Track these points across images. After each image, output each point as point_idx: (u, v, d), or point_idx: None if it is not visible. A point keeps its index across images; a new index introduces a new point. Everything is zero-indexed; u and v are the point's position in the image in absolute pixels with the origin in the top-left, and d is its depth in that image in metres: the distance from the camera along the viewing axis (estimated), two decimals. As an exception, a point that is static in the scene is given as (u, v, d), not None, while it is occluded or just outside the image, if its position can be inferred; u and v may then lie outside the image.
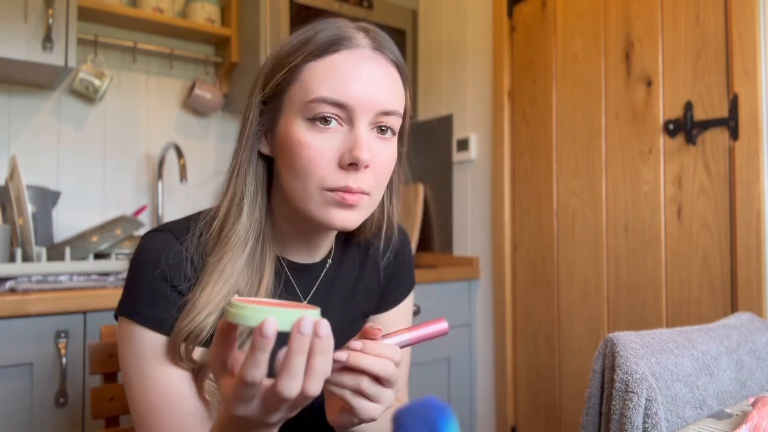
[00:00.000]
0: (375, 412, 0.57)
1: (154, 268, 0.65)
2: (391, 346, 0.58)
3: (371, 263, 0.84)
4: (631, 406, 0.75)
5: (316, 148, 0.62)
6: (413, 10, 2.26)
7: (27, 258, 1.38)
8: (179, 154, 1.84)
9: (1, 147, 1.70)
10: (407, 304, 0.90)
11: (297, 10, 1.88)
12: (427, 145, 2.25)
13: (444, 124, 2.17)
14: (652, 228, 1.49)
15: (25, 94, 1.74)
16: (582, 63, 1.68)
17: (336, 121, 0.63)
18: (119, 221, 1.69)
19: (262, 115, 0.68)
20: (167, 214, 1.95)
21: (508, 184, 1.91)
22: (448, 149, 2.15)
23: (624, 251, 1.56)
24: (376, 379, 0.56)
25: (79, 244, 1.58)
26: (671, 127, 1.45)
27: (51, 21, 1.48)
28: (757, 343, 0.97)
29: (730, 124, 1.33)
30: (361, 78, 0.63)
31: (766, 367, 0.97)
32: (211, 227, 0.68)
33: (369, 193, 0.66)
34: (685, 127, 1.42)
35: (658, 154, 1.48)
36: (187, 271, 0.66)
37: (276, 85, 0.66)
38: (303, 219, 0.69)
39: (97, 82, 1.76)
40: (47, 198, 1.65)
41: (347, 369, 0.56)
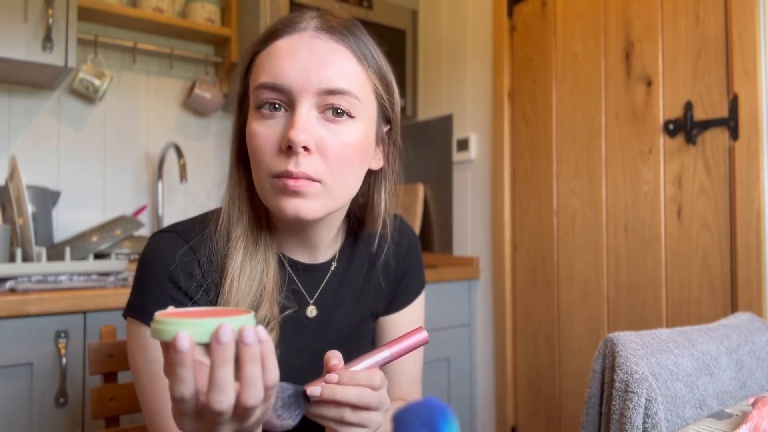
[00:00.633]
0: None
1: (162, 269, 0.65)
2: (367, 372, 0.56)
3: (380, 264, 0.84)
4: (631, 406, 0.75)
5: (262, 135, 0.62)
6: (413, 10, 2.26)
7: (27, 258, 1.38)
8: (179, 154, 1.84)
9: (1, 147, 1.70)
10: (419, 304, 0.89)
11: (297, 10, 1.88)
12: (427, 145, 2.25)
13: (444, 124, 2.17)
14: (652, 228, 1.49)
15: (25, 94, 1.74)
16: (582, 63, 1.68)
17: (282, 106, 0.62)
18: (119, 221, 1.69)
19: (240, 113, 0.71)
20: (167, 214, 1.94)
21: (508, 184, 1.91)
22: (448, 149, 2.15)
23: (624, 251, 1.56)
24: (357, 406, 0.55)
25: (79, 244, 1.58)
26: (671, 127, 1.45)
27: (51, 21, 1.48)
28: (757, 343, 0.97)
29: (730, 124, 1.33)
30: (298, 58, 0.61)
31: (766, 367, 0.97)
32: (218, 229, 0.69)
33: (319, 180, 0.62)
34: (685, 127, 1.42)
35: (658, 154, 1.48)
36: (195, 273, 0.67)
37: (242, 80, 0.69)
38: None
39: (97, 82, 1.76)
40: (47, 198, 1.65)
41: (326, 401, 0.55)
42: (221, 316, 0.44)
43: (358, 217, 0.82)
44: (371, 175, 0.75)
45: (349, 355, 0.79)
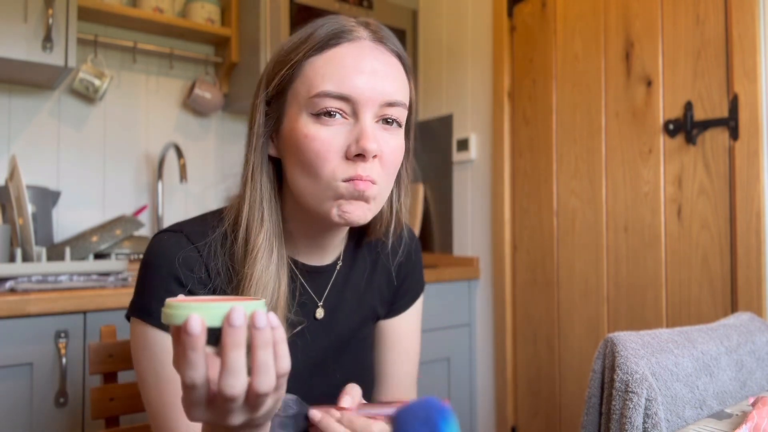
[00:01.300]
0: None
1: (167, 269, 0.65)
2: (366, 422, 0.56)
3: (382, 264, 0.84)
4: (631, 406, 0.75)
5: (323, 140, 0.62)
6: (413, 10, 2.26)
7: (27, 258, 1.38)
8: (179, 154, 1.84)
9: (1, 147, 1.70)
10: (417, 308, 0.89)
11: (297, 10, 1.88)
12: (427, 145, 2.25)
13: (444, 124, 2.17)
14: (652, 228, 1.49)
15: (25, 94, 1.74)
16: (582, 63, 1.68)
17: (340, 114, 0.63)
18: (119, 221, 1.69)
19: (267, 117, 0.68)
20: (167, 214, 1.94)
21: (508, 184, 1.91)
22: (448, 149, 2.15)
23: (624, 251, 1.56)
24: None
25: (79, 244, 1.58)
26: (671, 127, 1.45)
27: (51, 21, 1.48)
28: (757, 343, 0.97)
29: (730, 124, 1.33)
30: (364, 70, 0.63)
31: (766, 367, 0.97)
32: (235, 234, 0.68)
33: (377, 182, 0.65)
34: (685, 127, 1.42)
35: (658, 154, 1.48)
36: (201, 275, 0.66)
37: (279, 83, 0.66)
38: (314, 219, 0.68)
39: (97, 82, 1.76)
40: (47, 198, 1.65)
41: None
42: (228, 302, 0.44)
43: None
44: None
45: (350, 355, 0.78)
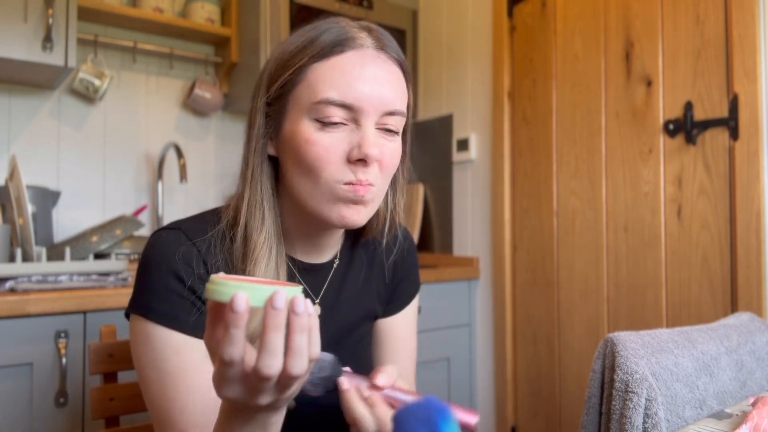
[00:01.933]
0: None
1: (167, 266, 0.65)
2: (387, 411, 0.56)
3: (378, 263, 0.84)
4: (631, 406, 0.75)
5: (325, 145, 0.63)
6: (413, 10, 2.26)
7: (27, 258, 1.38)
8: (179, 154, 1.84)
9: (1, 147, 1.70)
10: (413, 307, 0.90)
11: (297, 10, 1.88)
12: (427, 145, 2.25)
13: (444, 124, 2.17)
14: (652, 228, 1.49)
15: (25, 94, 1.74)
16: (582, 63, 1.68)
17: (342, 120, 0.64)
18: (119, 221, 1.69)
19: (268, 118, 0.68)
20: (167, 214, 1.94)
21: (508, 184, 1.91)
22: (448, 149, 2.15)
23: (624, 251, 1.56)
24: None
25: (79, 244, 1.58)
26: (671, 127, 1.45)
27: (51, 21, 1.48)
28: (757, 343, 0.97)
29: (730, 124, 1.33)
30: (367, 79, 0.64)
31: (766, 367, 0.97)
32: (233, 233, 0.68)
33: (374, 185, 0.66)
34: (685, 127, 1.42)
35: (658, 154, 1.48)
36: (200, 271, 0.67)
37: (281, 86, 0.66)
38: (311, 218, 0.69)
39: (97, 82, 1.76)
40: (47, 198, 1.65)
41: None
42: (270, 285, 0.46)
43: None
44: None
45: (348, 354, 0.79)
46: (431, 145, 2.23)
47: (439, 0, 2.22)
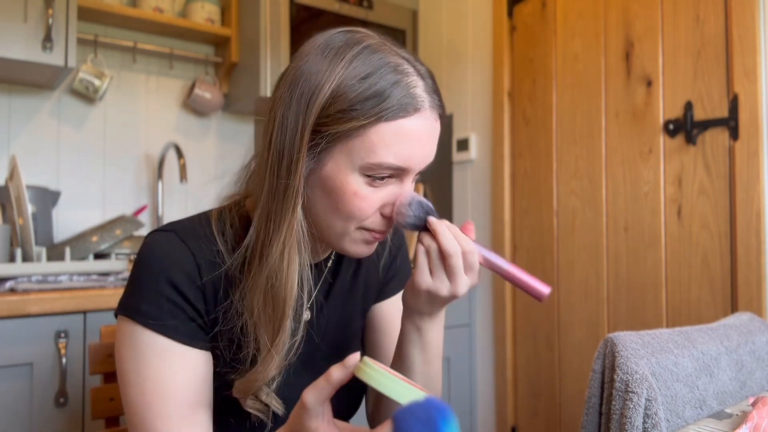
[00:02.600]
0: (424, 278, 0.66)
1: (158, 269, 0.65)
2: (465, 238, 0.67)
3: (369, 259, 0.84)
4: (631, 406, 0.75)
5: (370, 199, 0.65)
6: (413, 10, 2.26)
7: (27, 258, 1.38)
8: (179, 154, 1.84)
9: (1, 147, 1.70)
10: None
11: (297, 10, 1.88)
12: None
13: (444, 124, 2.17)
14: (652, 228, 1.49)
15: (25, 94, 1.74)
16: (582, 63, 1.68)
17: (390, 178, 0.65)
18: (119, 221, 1.69)
19: (310, 147, 0.63)
20: (167, 214, 1.94)
21: (508, 184, 1.91)
22: (448, 149, 2.15)
23: (624, 251, 1.56)
24: (444, 257, 0.65)
25: (79, 244, 1.58)
26: (671, 127, 1.45)
27: (51, 21, 1.48)
28: (757, 343, 0.97)
29: (730, 124, 1.33)
30: (423, 146, 0.66)
31: (766, 367, 0.97)
32: (255, 249, 0.66)
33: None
34: (685, 127, 1.42)
35: (658, 154, 1.48)
36: (193, 276, 0.66)
37: (336, 131, 0.62)
38: (321, 240, 0.69)
39: (97, 82, 1.76)
40: (47, 198, 1.66)
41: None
42: (411, 385, 0.50)
43: None
44: None
45: (339, 352, 0.79)
46: (431, 145, 2.22)
47: (439, 0, 2.22)
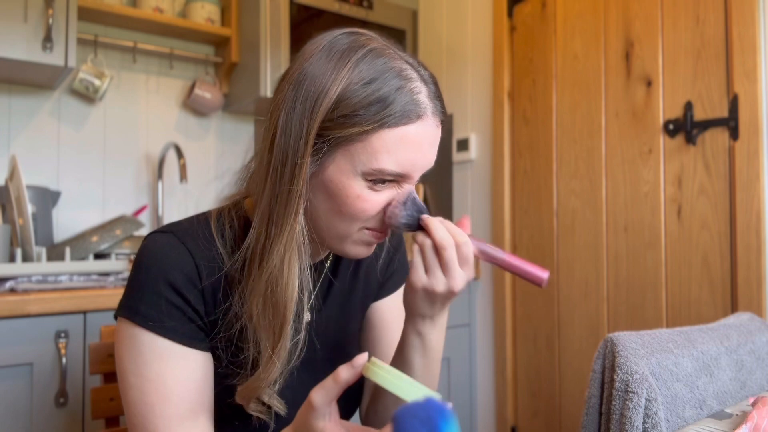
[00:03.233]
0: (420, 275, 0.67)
1: (158, 270, 0.65)
2: (458, 230, 0.69)
3: (366, 258, 0.84)
4: (631, 406, 0.75)
5: (372, 202, 0.65)
6: (413, 10, 2.26)
7: (27, 258, 1.38)
8: (179, 154, 1.84)
9: (1, 147, 1.70)
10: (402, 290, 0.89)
11: (297, 10, 1.88)
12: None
13: (444, 124, 2.17)
14: (652, 228, 1.49)
15: (25, 94, 1.74)
16: (582, 63, 1.68)
17: (390, 179, 0.66)
18: (119, 221, 1.69)
19: (314, 150, 0.63)
20: (167, 214, 1.94)
21: (508, 184, 1.91)
22: (448, 149, 2.15)
23: (624, 251, 1.56)
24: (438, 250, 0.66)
25: (79, 244, 1.58)
26: (671, 127, 1.45)
27: (51, 21, 1.48)
28: (757, 343, 0.97)
29: (730, 124, 1.33)
30: (425, 153, 0.67)
31: (766, 367, 0.97)
32: (246, 254, 0.66)
33: None
34: (685, 127, 1.42)
35: (658, 154, 1.48)
36: (192, 277, 0.66)
37: (338, 136, 0.62)
38: (321, 240, 0.69)
39: (97, 82, 1.76)
40: (47, 198, 1.65)
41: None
42: (418, 385, 0.52)
43: None
44: None
45: (338, 352, 0.79)
46: (431, 145, 2.23)
47: (439, 0, 2.22)
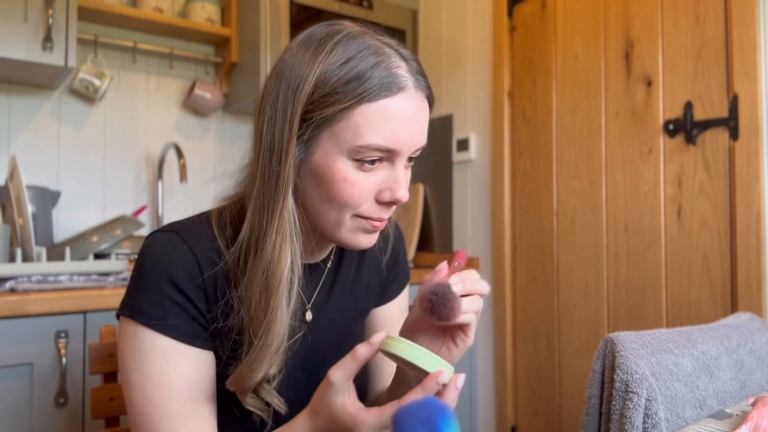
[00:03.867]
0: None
1: (160, 269, 0.65)
2: (474, 272, 0.66)
3: (370, 260, 0.84)
4: (631, 406, 0.75)
5: (361, 185, 0.64)
6: (413, 10, 2.26)
7: (27, 258, 1.38)
8: (179, 154, 1.84)
9: (1, 147, 1.70)
10: (404, 297, 0.90)
11: (297, 10, 1.88)
12: (427, 145, 2.24)
13: (444, 124, 2.17)
14: (652, 228, 1.49)
15: (25, 94, 1.74)
16: (582, 63, 1.68)
17: (380, 161, 0.65)
18: (119, 221, 1.69)
19: (298, 138, 0.64)
20: (167, 214, 1.95)
21: (508, 184, 1.91)
22: (448, 149, 2.15)
23: (624, 251, 1.56)
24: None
25: (79, 244, 1.58)
26: (671, 127, 1.45)
27: (51, 21, 1.48)
28: (757, 343, 0.97)
29: (730, 124, 1.33)
30: (410, 124, 0.65)
31: (766, 367, 0.97)
32: (242, 249, 0.66)
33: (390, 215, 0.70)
34: (685, 127, 1.42)
35: (658, 154, 1.48)
36: (195, 276, 0.66)
37: (320, 117, 0.63)
38: (319, 233, 0.68)
39: (97, 82, 1.76)
40: (47, 198, 1.65)
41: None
42: (435, 356, 0.58)
43: None
44: None
45: (338, 354, 0.79)
46: (431, 145, 2.21)
47: (439, 0, 2.22)
